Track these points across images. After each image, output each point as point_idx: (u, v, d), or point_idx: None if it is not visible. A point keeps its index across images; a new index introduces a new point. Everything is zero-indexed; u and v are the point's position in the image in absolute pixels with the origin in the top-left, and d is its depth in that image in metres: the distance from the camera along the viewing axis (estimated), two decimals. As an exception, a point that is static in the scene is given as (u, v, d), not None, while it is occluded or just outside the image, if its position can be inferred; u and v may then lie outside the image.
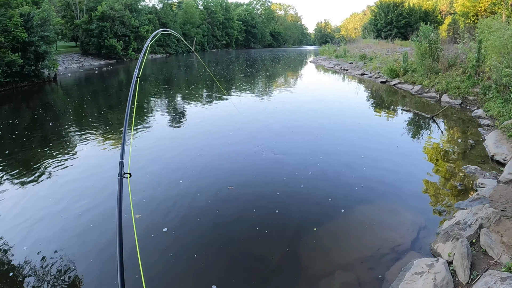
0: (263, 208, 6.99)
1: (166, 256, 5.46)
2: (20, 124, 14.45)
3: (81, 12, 52.89)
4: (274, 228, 6.26)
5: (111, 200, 7.23)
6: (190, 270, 5.19)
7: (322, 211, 6.89)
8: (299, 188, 7.85)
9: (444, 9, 56.85)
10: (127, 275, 2.40)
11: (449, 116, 14.67)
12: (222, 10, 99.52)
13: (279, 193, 7.62)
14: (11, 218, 6.77)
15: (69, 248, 5.71)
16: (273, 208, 6.96)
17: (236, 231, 6.21)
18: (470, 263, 4.70)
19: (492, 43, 13.82)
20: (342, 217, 6.64)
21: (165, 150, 10.79)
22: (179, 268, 5.24)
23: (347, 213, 6.78)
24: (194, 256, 5.44)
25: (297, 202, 7.25)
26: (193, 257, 5.42)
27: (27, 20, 25.19)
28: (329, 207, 7.05)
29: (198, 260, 5.36)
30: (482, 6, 31.30)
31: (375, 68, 29.02)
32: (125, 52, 53.12)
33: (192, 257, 5.42)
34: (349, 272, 5.10)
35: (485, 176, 8.14)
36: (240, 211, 6.88)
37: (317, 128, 12.92)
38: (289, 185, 8.01)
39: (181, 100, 20.40)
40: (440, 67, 19.65)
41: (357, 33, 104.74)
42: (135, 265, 4.64)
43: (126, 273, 2.19)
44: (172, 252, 5.56)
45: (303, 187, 7.91)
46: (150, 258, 5.44)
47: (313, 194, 7.64)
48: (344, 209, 6.88)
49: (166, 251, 5.59)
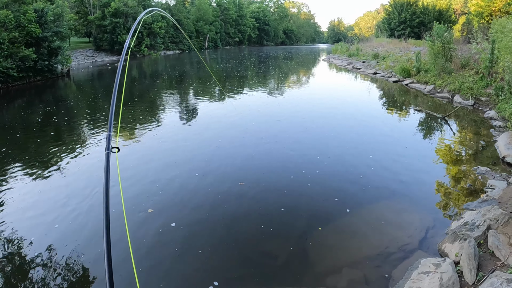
0: (273, 204, 7.05)
1: (172, 251, 5.54)
2: (33, 117, 14.66)
3: (95, 8, 53.34)
4: (281, 226, 6.33)
5: (130, 197, 7.35)
6: (194, 265, 5.27)
7: (329, 210, 6.91)
8: (308, 187, 7.89)
9: (458, 8, 56.24)
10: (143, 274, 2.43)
11: (461, 116, 14.57)
12: (235, 7, 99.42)
13: (286, 192, 7.67)
14: (24, 209, 6.92)
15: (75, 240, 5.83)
16: (279, 206, 7.02)
17: (245, 226, 6.29)
18: (477, 264, 4.71)
19: (505, 44, 13.67)
20: (350, 215, 6.66)
21: (179, 145, 10.91)
22: (182, 263, 5.32)
23: (355, 212, 6.80)
24: (199, 252, 5.52)
25: (305, 201, 7.30)
26: (197, 253, 5.50)
27: (41, 16, 25.48)
28: (337, 205, 7.07)
29: (202, 256, 5.43)
30: (496, 6, 30.90)
31: (387, 67, 28.84)
32: (138, 48, 53.37)
33: (197, 253, 5.50)
34: (356, 269, 5.13)
35: (495, 177, 8.10)
36: (248, 208, 6.95)
37: (327, 127, 12.94)
38: (297, 183, 8.06)
39: (192, 97, 20.52)
40: (453, 67, 19.48)
41: (370, 31, 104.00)
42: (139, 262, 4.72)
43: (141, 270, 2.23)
44: (178, 247, 5.64)
45: (310, 185, 7.95)
46: (156, 251, 5.53)
47: (322, 192, 7.68)
48: (352, 208, 6.90)
49: (172, 245, 5.68)
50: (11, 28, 23.50)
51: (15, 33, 23.47)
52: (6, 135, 11.84)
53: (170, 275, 5.03)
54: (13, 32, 23.43)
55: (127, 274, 4.89)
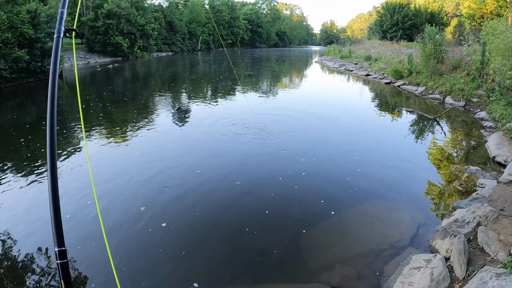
0: (263, 205, 7.12)
1: (155, 252, 5.55)
2: (25, 118, 14.62)
3: (88, 10, 53.13)
4: (279, 220, 6.41)
5: (118, 198, 7.39)
6: (176, 267, 5.27)
7: (320, 209, 6.98)
8: (299, 186, 7.97)
9: (450, 11, 56.77)
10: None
11: (452, 117, 14.73)
12: (228, 9, 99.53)
13: (278, 190, 7.74)
14: (16, 212, 6.92)
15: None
16: (265, 208, 7.08)
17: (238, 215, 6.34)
18: (467, 259, 4.80)
19: (496, 46, 13.87)
20: (342, 214, 6.74)
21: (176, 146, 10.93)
22: (164, 264, 5.29)
23: (347, 210, 6.89)
24: (182, 253, 5.50)
25: (297, 199, 7.38)
26: (180, 254, 5.49)
27: (34, 17, 25.32)
28: (328, 205, 7.15)
29: (185, 257, 5.43)
30: (488, 8, 31.22)
31: (379, 69, 29.06)
32: (131, 49, 53.24)
33: (180, 254, 5.49)
34: (348, 266, 5.20)
35: (485, 176, 8.22)
36: (246, 204, 7.01)
37: (319, 128, 13.04)
38: (294, 181, 8.13)
39: (185, 97, 20.54)
40: (444, 69, 19.70)
41: (363, 34, 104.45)
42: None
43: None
44: (162, 248, 5.64)
45: (301, 185, 8.03)
46: (143, 252, 5.56)
47: (313, 191, 7.75)
48: (343, 207, 7.01)
49: (157, 246, 5.69)
50: (4, 29, 23.35)
51: (8, 34, 23.30)
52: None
53: (151, 274, 5.05)
54: (6, 33, 23.28)
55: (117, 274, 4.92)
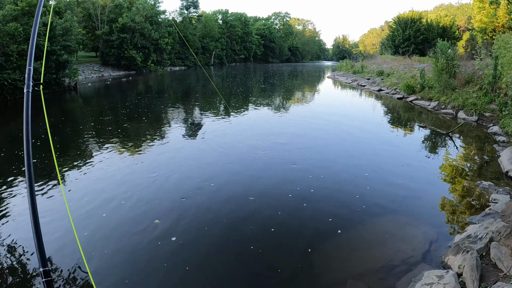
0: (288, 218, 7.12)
1: (162, 267, 5.59)
2: (38, 129, 14.81)
3: (102, 23, 54.15)
4: (290, 234, 6.41)
5: (134, 207, 7.45)
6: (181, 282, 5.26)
7: (334, 224, 6.94)
8: (316, 201, 7.96)
9: (462, 25, 56.72)
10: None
11: (465, 132, 14.62)
12: (241, 25, 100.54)
13: (293, 203, 7.74)
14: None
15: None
16: (272, 224, 7.08)
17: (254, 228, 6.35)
18: (479, 275, 4.73)
19: (508, 60, 13.81)
20: (354, 229, 6.71)
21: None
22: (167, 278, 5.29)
23: (359, 226, 6.84)
24: (186, 269, 5.46)
25: (309, 214, 7.37)
26: (184, 269, 5.46)
27: (49, 30, 25.84)
28: (340, 220, 7.12)
29: (190, 272, 5.42)
30: (500, 22, 31.08)
31: (392, 84, 28.99)
32: (145, 63, 54.07)
33: (184, 269, 5.46)
34: (360, 281, 5.16)
35: (498, 192, 8.13)
36: (261, 221, 7.02)
37: (333, 143, 13.07)
38: (308, 197, 8.13)
39: (198, 112, 20.70)
40: (457, 84, 19.58)
41: (375, 48, 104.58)
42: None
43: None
44: (169, 262, 5.65)
45: (321, 197, 8.01)
46: (156, 265, 5.59)
47: (329, 206, 7.75)
48: (356, 223, 6.97)
49: (165, 260, 5.71)
50: (20, 40, 23.91)
51: (24, 46, 23.82)
52: (12, 147, 11.98)
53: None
54: (22, 44, 23.82)
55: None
